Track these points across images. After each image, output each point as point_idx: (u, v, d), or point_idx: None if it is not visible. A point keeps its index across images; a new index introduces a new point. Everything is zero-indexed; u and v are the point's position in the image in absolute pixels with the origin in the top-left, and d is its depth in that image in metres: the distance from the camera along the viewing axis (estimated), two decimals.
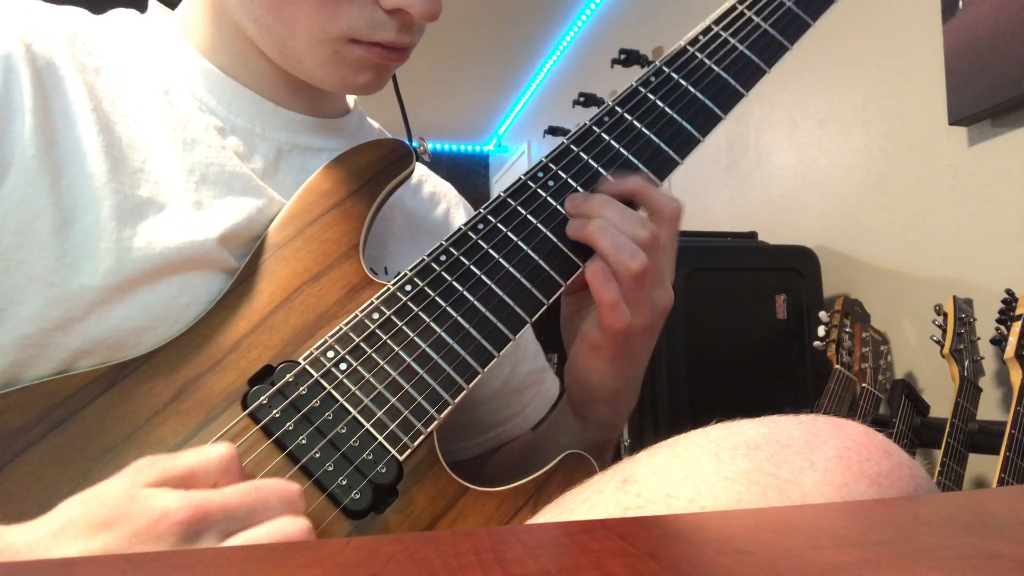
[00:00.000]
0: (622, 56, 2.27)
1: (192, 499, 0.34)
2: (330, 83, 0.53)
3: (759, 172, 2.17)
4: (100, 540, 0.33)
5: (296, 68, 0.53)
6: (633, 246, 0.49)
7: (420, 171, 0.71)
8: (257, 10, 0.50)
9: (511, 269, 0.50)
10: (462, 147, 5.21)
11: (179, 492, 0.35)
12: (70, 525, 0.34)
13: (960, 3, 1.44)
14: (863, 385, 1.47)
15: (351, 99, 0.65)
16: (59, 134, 0.46)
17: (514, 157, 4.71)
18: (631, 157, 0.53)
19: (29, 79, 0.46)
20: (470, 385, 0.47)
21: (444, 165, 5.06)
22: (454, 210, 0.70)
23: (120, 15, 0.56)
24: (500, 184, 4.83)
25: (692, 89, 0.55)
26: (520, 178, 0.53)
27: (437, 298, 0.49)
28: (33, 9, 0.50)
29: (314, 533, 0.38)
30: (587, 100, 2.54)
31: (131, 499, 0.34)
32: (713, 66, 0.56)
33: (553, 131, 2.90)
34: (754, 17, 0.57)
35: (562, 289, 0.51)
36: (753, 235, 2.02)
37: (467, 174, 5.13)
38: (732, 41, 0.57)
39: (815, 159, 1.94)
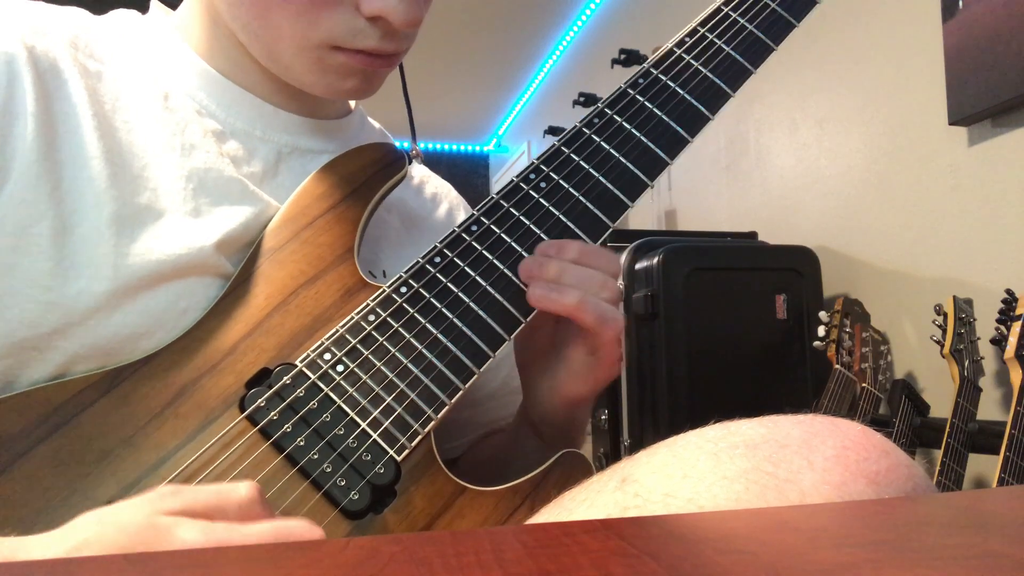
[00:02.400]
0: (622, 56, 2.27)
1: (213, 535, 0.33)
2: (318, 89, 0.54)
3: (759, 172, 2.17)
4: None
5: (285, 74, 0.53)
6: (610, 310, 0.50)
7: (421, 172, 0.71)
8: (244, 16, 0.50)
9: (505, 270, 0.50)
10: (462, 147, 5.21)
11: (201, 525, 0.34)
12: (86, 545, 0.33)
13: (960, 3, 1.44)
14: (863, 385, 1.47)
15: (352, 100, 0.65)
16: (60, 139, 0.46)
17: (514, 157, 4.71)
18: (621, 158, 0.54)
19: (32, 83, 0.46)
20: (466, 385, 0.47)
21: (444, 165, 5.05)
22: (455, 211, 0.70)
23: (121, 16, 0.56)
24: (500, 184, 4.82)
25: (680, 90, 0.56)
26: (513, 180, 0.53)
27: (432, 299, 0.49)
28: (35, 11, 0.50)
29: None
30: (587, 100, 2.54)
31: (152, 527, 0.33)
32: (700, 67, 0.56)
33: (553, 131, 2.91)
34: (739, 19, 0.58)
35: None
36: (753, 235, 2.02)
37: (467, 174, 5.13)
38: (718, 43, 0.57)
39: (815, 159, 1.93)
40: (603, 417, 1.69)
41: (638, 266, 1.64)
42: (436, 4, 0.55)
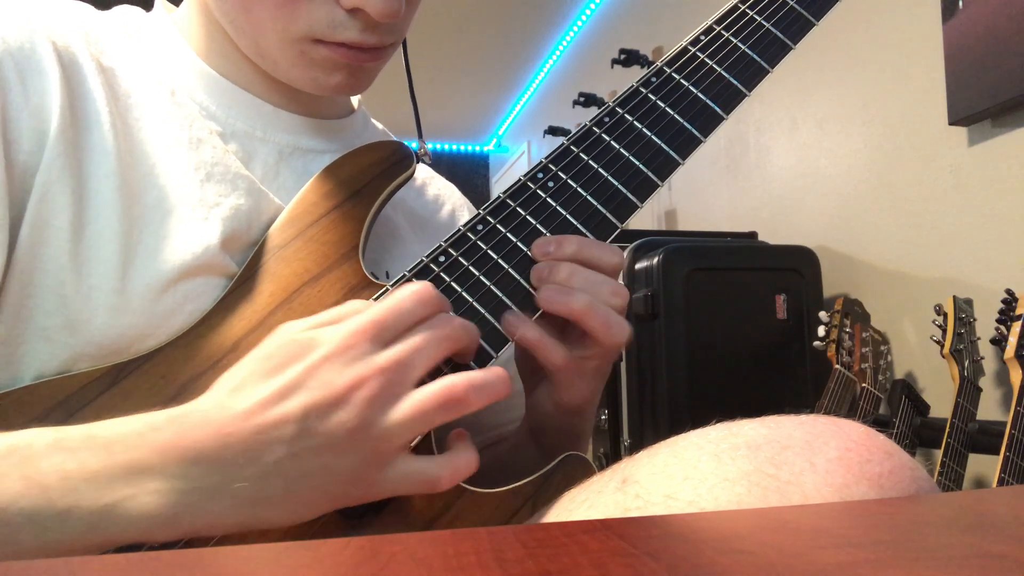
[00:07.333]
0: (622, 56, 2.27)
1: (352, 318, 0.40)
2: (305, 84, 0.53)
3: (759, 172, 2.17)
4: (281, 379, 0.38)
5: (273, 69, 0.53)
6: (617, 318, 0.49)
7: (425, 173, 0.70)
8: (230, 11, 0.51)
9: (510, 270, 0.50)
10: (462, 147, 5.21)
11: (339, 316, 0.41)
12: (249, 379, 0.38)
13: (960, 3, 1.44)
14: (863, 385, 1.47)
15: (355, 100, 0.65)
16: (82, 135, 0.47)
17: (514, 157, 4.71)
18: (631, 158, 0.53)
19: (59, 79, 0.46)
20: None
21: (444, 165, 5.05)
22: (459, 212, 0.70)
23: (126, 12, 0.56)
24: (500, 184, 4.83)
25: (693, 89, 0.55)
26: (520, 179, 0.53)
27: None
28: (51, 4, 0.51)
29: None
30: (587, 100, 2.55)
31: (295, 342, 0.39)
32: (715, 66, 0.56)
33: (553, 131, 2.90)
34: (756, 16, 0.57)
35: None
36: (753, 235, 2.02)
37: (467, 174, 5.13)
38: (734, 41, 0.56)
39: (815, 159, 1.93)
40: (603, 417, 1.69)
41: (638, 266, 1.64)
42: (437, 4, 0.55)
